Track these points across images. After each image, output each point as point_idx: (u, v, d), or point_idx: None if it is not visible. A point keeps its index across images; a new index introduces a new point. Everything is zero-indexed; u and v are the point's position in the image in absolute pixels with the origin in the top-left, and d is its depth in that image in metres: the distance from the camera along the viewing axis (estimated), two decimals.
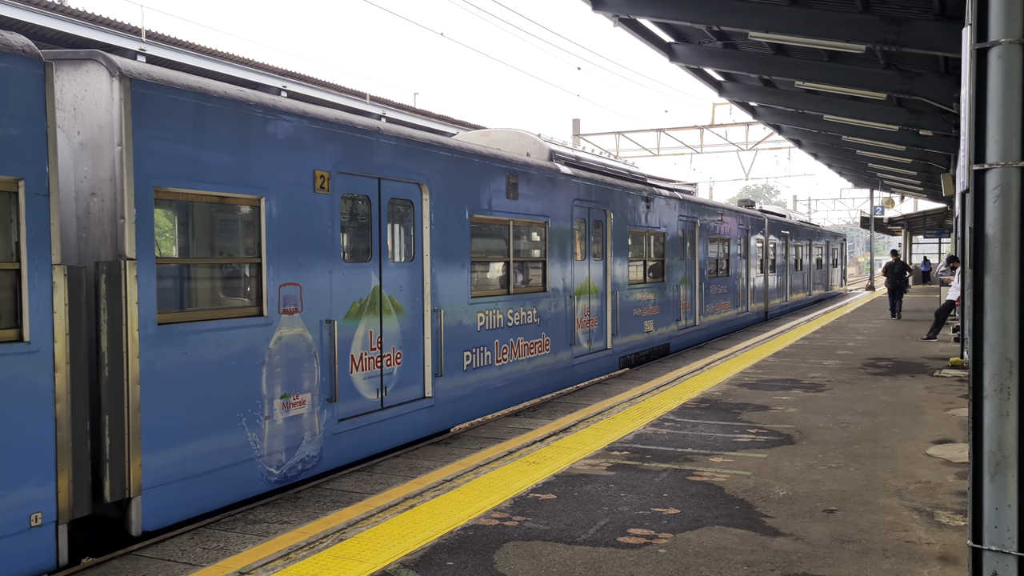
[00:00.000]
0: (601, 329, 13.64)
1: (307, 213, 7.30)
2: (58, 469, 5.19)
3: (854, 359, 13.51)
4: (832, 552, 4.84)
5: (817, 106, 17.90)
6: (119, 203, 5.72)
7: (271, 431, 6.90)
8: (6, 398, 4.93)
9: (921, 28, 11.07)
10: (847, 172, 37.36)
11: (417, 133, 9.15)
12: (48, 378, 5.16)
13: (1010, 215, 3.35)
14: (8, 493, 4.92)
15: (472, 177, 9.85)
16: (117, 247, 5.73)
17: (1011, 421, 3.39)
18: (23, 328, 5.03)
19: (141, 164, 5.81)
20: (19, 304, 5.03)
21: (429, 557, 4.82)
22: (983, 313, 3.42)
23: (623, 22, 13.29)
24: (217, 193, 6.46)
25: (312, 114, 7.48)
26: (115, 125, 5.71)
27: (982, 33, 3.39)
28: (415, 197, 8.90)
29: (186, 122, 6.20)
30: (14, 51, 4.99)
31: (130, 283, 5.73)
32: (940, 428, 8.17)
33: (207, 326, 6.35)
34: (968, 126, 3.53)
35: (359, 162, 7.96)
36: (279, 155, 7.01)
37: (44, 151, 5.13)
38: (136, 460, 5.77)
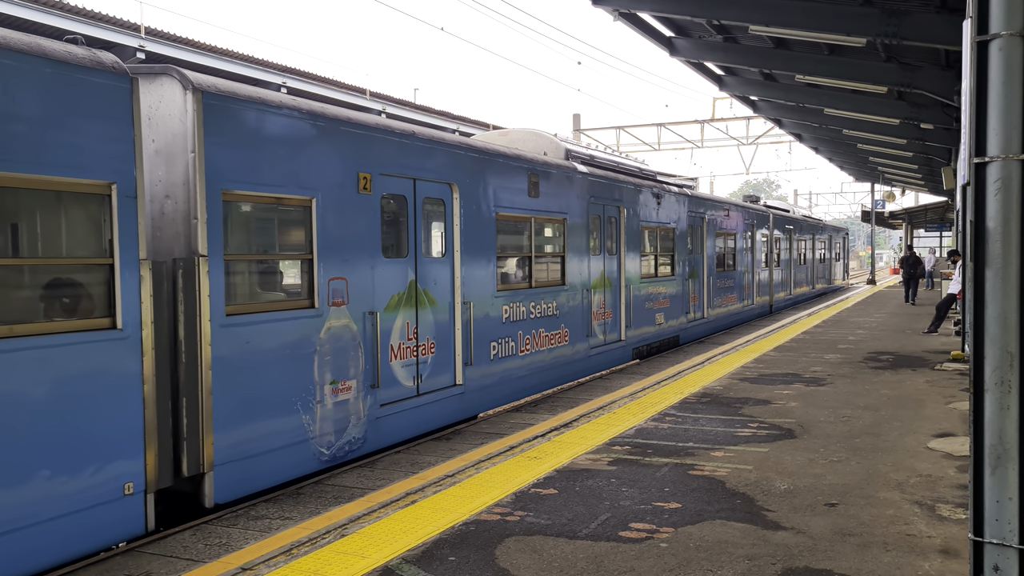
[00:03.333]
0: (615, 321, 14.12)
1: (352, 212, 7.85)
2: (146, 444, 5.81)
3: (855, 353, 13.50)
4: (833, 546, 4.85)
5: (818, 100, 17.87)
6: (192, 205, 6.27)
7: (322, 414, 7.44)
8: (104, 380, 5.50)
9: (922, 21, 11.05)
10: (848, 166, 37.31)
11: (447, 136, 9.78)
12: (137, 362, 5.72)
13: (1011, 208, 3.34)
14: (107, 465, 5.53)
15: (497, 176, 10.37)
16: (190, 245, 6.27)
17: (1012, 414, 3.39)
18: (116, 317, 5.60)
19: (211, 169, 6.36)
20: (112, 295, 5.59)
21: (431, 552, 4.83)
22: (984, 307, 3.42)
23: (623, 16, 13.27)
24: (275, 195, 7.02)
25: (356, 120, 8.01)
26: (188, 133, 6.24)
27: (983, 25, 3.38)
28: (446, 196, 9.43)
29: (248, 130, 6.74)
30: (105, 67, 5.53)
31: (203, 277, 6.28)
32: (941, 422, 8.18)
33: (266, 317, 6.91)
34: (969, 119, 3.52)
35: (397, 164, 8.50)
36: (327, 159, 7.54)
37: (132, 158, 5.66)
38: (208, 439, 6.32)
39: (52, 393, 5.19)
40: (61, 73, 5.24)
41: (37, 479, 5.10)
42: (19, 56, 5.01)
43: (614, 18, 13.19)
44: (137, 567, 5.50)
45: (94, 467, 5.46)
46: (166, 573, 5.33)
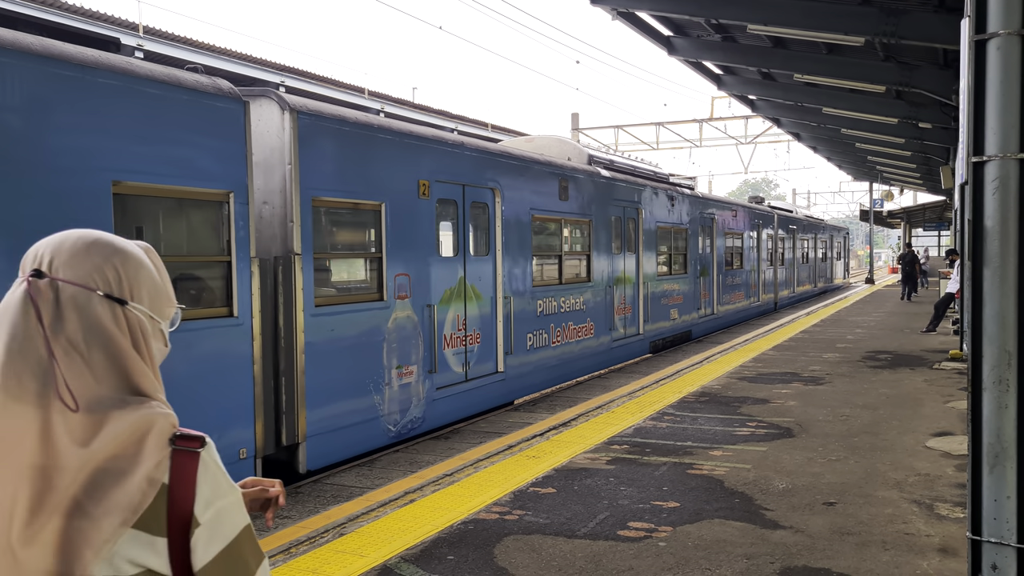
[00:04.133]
0: (634, 316, 15.04)
1: (413, 215, 8.77)
2: (255, 416, 6.70)
3: (854, 352, 13.52)
4: (832, 544, 4.85)
5: (816, 99, 17.87)
6: (288, 209, 7.15)
7: (390, 395, 8.36)
8: (223, 360, 6.39)
9: (920, 20, 11.05)
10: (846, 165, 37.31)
11: (491, 145, 10.90)
12: (249, 346, 6.61)
13: (1009, 207, 3.35)
14: (227, 432, 6.38)
15: (533, 182, 11.32)
16: (286, 244, 7.15)
17: (1010, 413, 3.39)
18: (232, 306, 6.48)
19: (304, 178, 7.24)
20: (229, 288, 6.47)
21: (430, 551, 4.83)
22: (982, 306, 3.42)
23: (621, 15, 13.26)
24: (352, 200, 7.99)
25: (417, 133, 9.01)
26: (285, 148, 7.13)
27: (981, 25, 3.38)
28: (490, 200, 10.34)
29: (332, 144, 7.64)
30: (224, 93, 6.44)
31: (298, 273, 7.17)
32: (939, 420, 8.18)
33: (346, 308, 7.83)
34: (967, 118, 3.53)
35: (449, 172, 9.43)
36: (394, 168, 8.47)
37: (245, 170, 6.56)
38: (302, 413, 7.23)
39: (189, 370, 6.05)
40: (192, 100, 6.18)
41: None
42: (163, 86, 5.97)
43: (612, 17, 13.18)
44: None
45: (218, 434, 6.18)
46: None
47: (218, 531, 1.23)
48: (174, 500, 1.19)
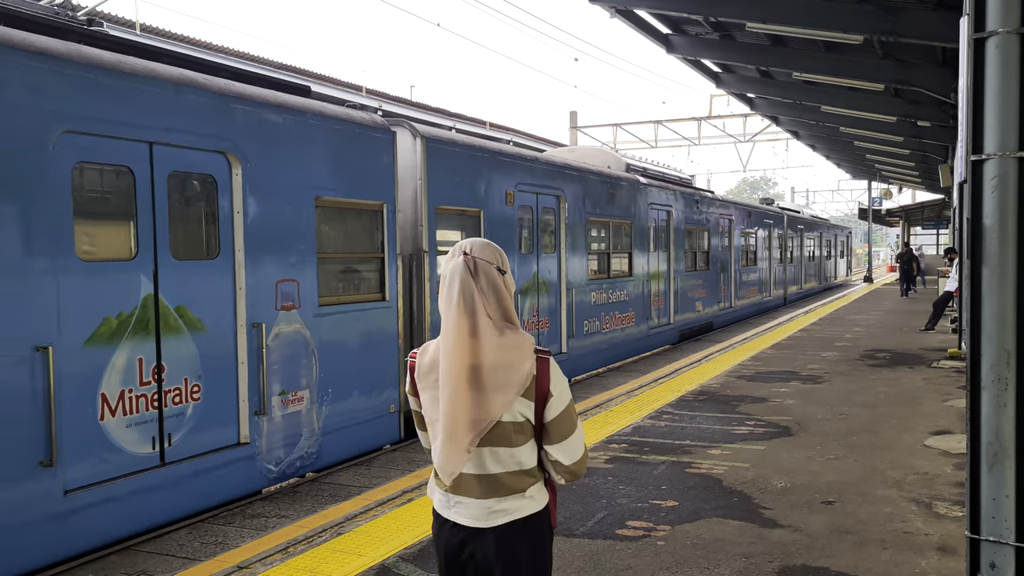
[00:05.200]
0: (666, 307, 16.74)
1: (502, 219, 10.48)
2: (399, 379, 8.41)
3: (852, 351, 13.52)
4: (830, 543, 4.85)
5: (815, 97, 17.85)
6: (419, 215, 8.91)
7: None
8: (380, 335, 8.22)
9: (918, 18, 11.03)
10: (845, 163, 37.30)
11: (556, 158, 12.78)
12: (395, 324, 8.42)
13: (1007, 206, 3.34)
14: (383, 392, 8.26)
15: (588, 189, 12.96)
16: (417, 244, 8.93)
17: (1008, 412, 3.38)
18: (385, 293, 8.32)
19: (430, 191, 8.98)
20: (383, 278, 8.31)
21: (428, 550, 4.82)
22: (981, 304, 3.42)
23: (620, 13, 13.24)
24: (461, 208, 9.68)
25: (506, 151, 10.91)
26: (417, 166, 8.88)
27: (980, 23, 3.37)
28: (555, 205, 11.97)
29: (448, 163, 9.37)
30: (379, 125, 8.26)
31: (425, 266, 8.95)
32: (938, 419, 8.18)
33: None
34: (965, 116, 3.51)
35: (527, 183, 11.13)
36: (490, 181, 10.18)
37: (393, 185, 8.32)
38: None
39: (358, 343, 7.93)
40: (360, 132, 7.93)
41: (354, 395, 7.89)
42: (343, 123, 7.73)
43: (611, 15, 13.16)
44: (132, 565, 5.49)
45: (377, 392, 8.24)
46: (162, 572, 5.31)
47: (561, 400, 2.38)
48: (539, 383, 2.35)
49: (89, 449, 5.44)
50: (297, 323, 7.15)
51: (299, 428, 7.19)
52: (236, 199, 6.55)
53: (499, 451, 2.34)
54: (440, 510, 2.45)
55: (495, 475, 2.34)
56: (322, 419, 7.47)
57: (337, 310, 7.61)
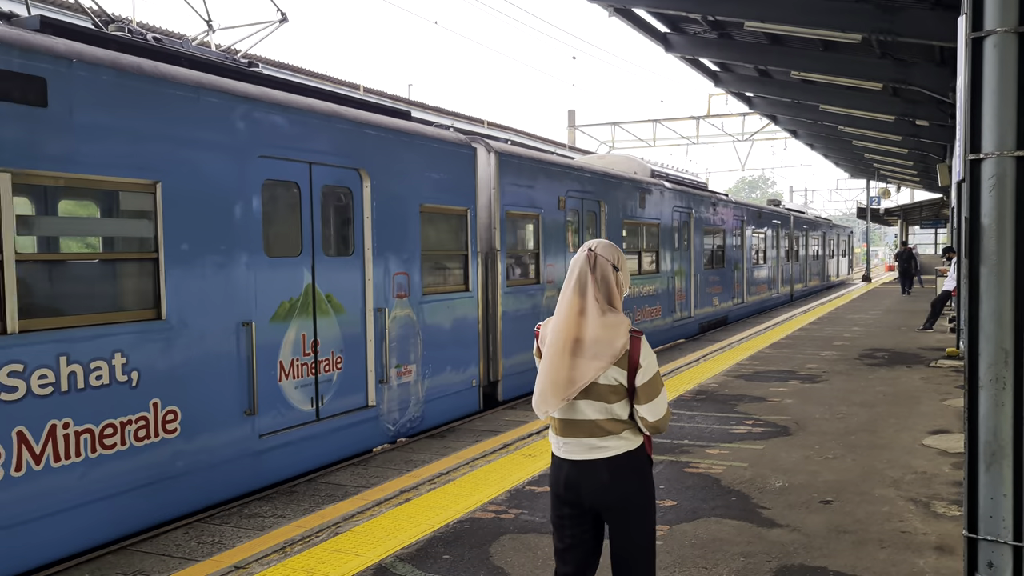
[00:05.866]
0: (687, 302, 18.23)
1: (555, 221, 12.03)
2: (479, 359, 10.18)
3: (851, 350, 13.52)
4: (828, 543, 4.84)
5: (813, 96, 17.86)
6: (492, 219, 10.45)
7: None
8: (464, 321, 9.78)
9: (916, 17, 11.03)
10: (843, 162, 37.33)
11: (597, 167, 14.30)
12: (476, 311, 10.05)
13: (1005, 205, 3.33)
14: (467, 369, 9.86)
15: (623, 194, 14.51)
16: (491, 244, 10.47)
17: (1006, 411, 3.38)
18: (468, 284, 9.92)
19: (502, 198, 10.56)
20: (467, 272, 9.90)
21: (425, 550, 4.81)
22: (979, 303, 3.41)
23: (618, 12, 13.24)
24: (523, 212, 11.18)
25: (559, 162, 12.69)
26: (491, 177, 10.40)
27: (977, 22, 3.36)
28: (597, 209, 13.54)
29: (514, 173, 10.89)
30: (463, 143, 9.86)
31: (498, 263, 10.56)
32: (936, 418, 8.18)
33: (519, 289, 11.12)
34: (963, 116, 3.51)
35: (575, 189, 12.67)
36: (546, 188, 11.73)
37: (474, 193, 9.92)
38: (499, 360, 10.58)
39: (451, 326, 9.54)
40: (450, 149, 9.52)
41: (440, 370, 9.30)
42: (438, 141, 9.33)
43: (609, 14, 13.16)
44: (129, 565, 5.48)
45: (464, 367, 9.81)
46: (158, 572, 5.31)
47: (648, 370, 2.92)
48: (631, 356, 2.89)
49: (273, 403, 6.97)
50: (408, 309, 8.75)
51: (409, 396, 8.78)
52: (366, 207, 8.10)
53: (596, 404, 2.94)
54: (555, 451, 3.11)
55: (594, 420, 2.96)
56: (424, 389, 9.04)
57: (435, 299, 9.24)
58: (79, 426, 5.38)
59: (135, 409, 5.76)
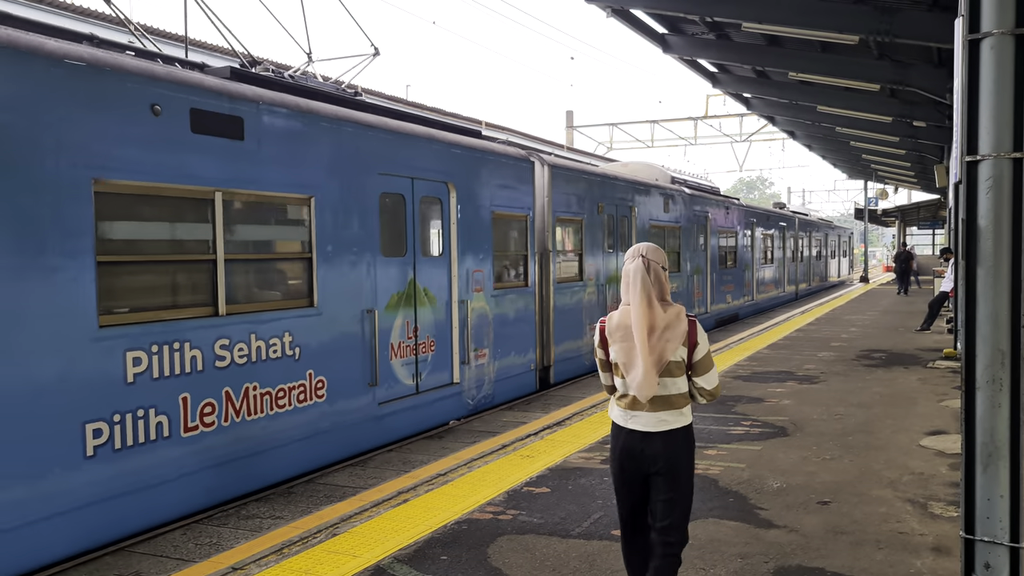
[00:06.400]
0: (705, 298, 19.44)
1: (594, 225, 13.37)
2: (536, 345, 11.56)
3: (848, 351, 13.53)
4: (826, 544, 4.85)
5: (811, 97, 17.87)
6: (545, 223, 11.77)
7: (587, 342, 13.02)
8: (523, 313, 11.21)
9: (914, 18, 11.05)
10: (841, 163, 37.36)
11: (630, 176, 15.61)
12: (534, 304, 11.47)
13: (1002, 207, 3.34)
14: (526, 354, 11.25)
15: (651, 200, 15.96)
16: (544, 245, 11.77)
17: (1003, 412, 3.39)
18: (527, 280, 11.36)
19: (553, 205, 11.93)
20: (526, 270, 11.33)
21: (423, 551, 4.82)
22: (976, 305, 3.42)
23: (616, 13, 13.24)
24: (570, 217, 12.52)
25: (598, 172, 14.19)
26: (544, 186, 11.75)
27: (974, 24, 3.37)
28: (629, 213, 14.90)
29: (563, 183, 12.25)
30: (524, 157, 11.31)
31: (550, 262, 11.81)
32: (933, 419, 8.19)
33: (567, 285, 12.48)
34: (960, 117, 3.52)
35: (610, 197, 14.12)
36: (587, 195, 13.11)
37: (532, 201, 11.38)
38: (551, 347, 11.95)
39: (515, 316, 10.97)
40: (515, 162, 11.04)
41: (506, 353, 10.72)
42: (506, 156, 10.79)
43: (607, 15, 13.16)
44: (127, 567, 5.47)
45: (524, 352, 11.24)
46: (156, 572, 5.30)
47: (703, 348, 3.56)
48: (690, 336, 3.53)
49: (387, 378, 8.42)
50: (483, 301, 10.20)
51: (483, 376, 10.23)
52: (452, 214, 9.55)
53: (666, 380, 3.54)
54: (620, 423, 3.65)
55: (666, 395, 3.55)
56: (495, 371, 10.49)
57: (502, 293, 10.66)
58: (263, 388, 6.86)
59: (297, 377, 7.22)
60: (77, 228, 5.41)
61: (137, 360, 5.83)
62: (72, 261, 5.37)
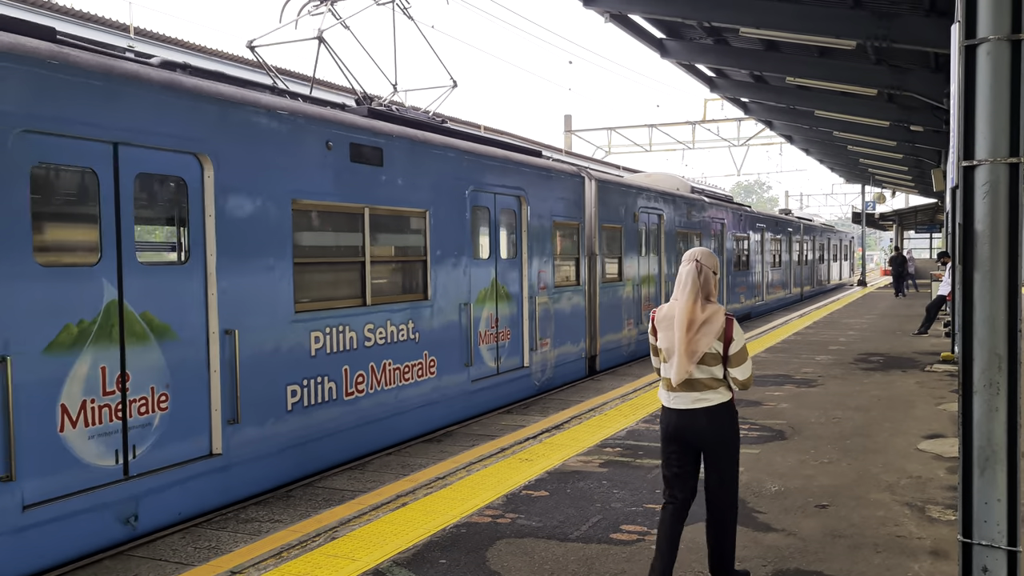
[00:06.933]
0: (721, 298, 20.18)
1: (632, 232, 15.30)
2: (586, 336, 13.32)
3: (846, 354, 13.55)
4: (824, 547, 4.86)
5: (808, 102, 17.92)
6: (592, 230, 13.61)
7: (627, 334, 15.16)
8: (576, 308, 12.88)
9: (911, 24, 11.09)
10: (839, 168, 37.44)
11: (659, 187, 17.52)
12: (584, 300, 13.21)
13: (999, 211, 3.35)
14: (578, 343, 12.97)
15: (676, 208, 17.96)
16: (591, 249, 13.56)
17: (1000, 416, 3.40)
18: (579, 280, 13.10)
19: (599, 214, 13.70)
20: (578, 271, 13.06)
21: (422, 555, 4.82)
22: (972, 309, 3.43)
23: (614, 18, 13.28)
24: (612, 225, 14.33)
25: (635, 184, 16.10)
26: (592, 199, 13.54)
27: (970, 30, 3.39)
28: (659, 221, 16.87)
29: (606, 195, 14.06)
30: (578, 174, 13.20)
31: (598, 264, 13.73)
32: (931, 423, 8.21)
33: (609, 284, 14.28)
34: (957, 123, 3.53)
35: (645, 206, 15.98)
36: (625, 206, 14.95)
37: (583, 209, 13.16)
38: (597, 339, 13.79)
39: (568, 311, 12.63)
40: (570, 178, 12.86)
41: (563, 343, 12.42)
42: (564, 173, 12.62)
43: (605, 19, 13.20)
44: (126, 570, 5.47)
45: (576, 342, 12.95)
46: None
47: (738, 343, 4.10)
48: (726, 332, 4.08)
49: (476, 360, 10.25)
50: (545, 297, 11.92)
51: (546, 361, 11.96)
52: (524, 223, 11.33)
53: (702, 367, 4.08)
54: (666, 403, 4.22)
55: (700, 379, 4.10)
56: (555, 357, 12.22)
57: (560, 290, 12.41)
58: (395, 364, 8.67)
59: (417, 356, 9.05)
60: (284, 238, 7.19)
61: (317, 339, 7.59)
62: (281, 262, 7.16)
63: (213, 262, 6.47)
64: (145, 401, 5.89)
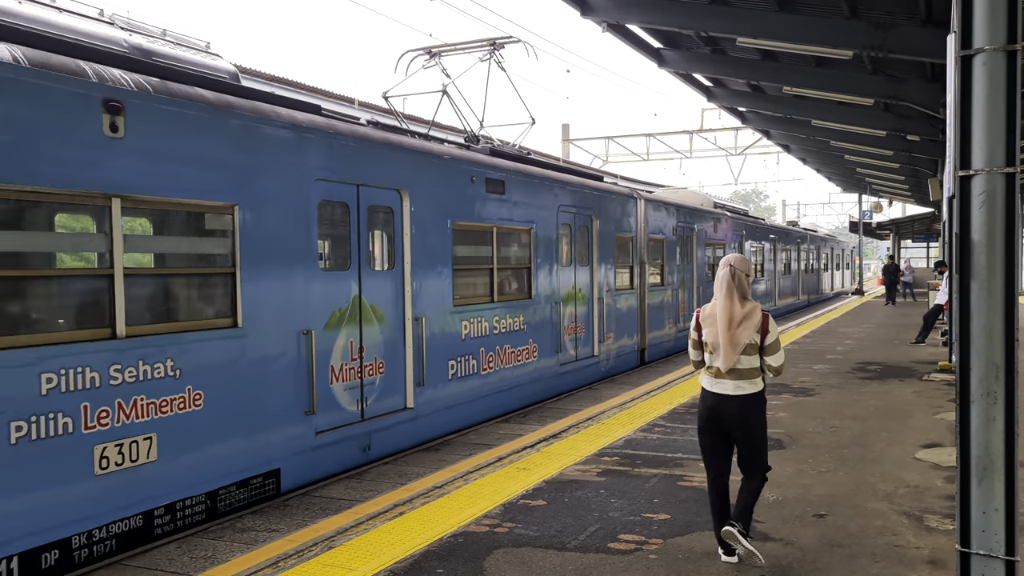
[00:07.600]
0: None
1: (670, 244, 17.31)
2: (638, 332, 15.89)
3: (843, 363, 13.55)
4: (821, 556, 4.85)
5: (805, 111, 17.99)
6: (642, 242, 15.84)
7: (677, 331, 17.88)
8: (631, 308, 15.46)
9: (907, 34, 11.14)
10: (836, 177, 37.54)
11: (692, 204, 20.02)
12: (636, 302, 15.73)
13: (995, 221, 3.37)
14: (632, 337, 15.53)
15: (704, 222, 20.06)
16: (640, 258, 15.77)
17: (997, 425, 3.40)
18: (633, 284, 15.61)
19: (647, 229, 15.95)
20: (632, 276, 15.59)
21: (419, 565, 4.80)
22: (969, 318, 3.44)
23: (612, 28, 13.33)
24: (656, 238, 16.57)
25: (674, 202, 18.07)
26: (642, 215, 15.78)
27: (966, 40, 3.41)
28: (691, 233, 18.95)
29: (653, 212, 16.34)
30: (631, 194, 15.72)
31: (644, 271, 15.93)
32: (928, 432, 8.20)
33: (655, 288, 16.55)
34: (953, 132, 3.55)
35: (682, 221, 18.20)
36: (666, 221, 17.07)
37: (636, 224, 15.61)
38: (647, 334, 16.17)
39: (624, 310, 15.00)
40: (625, 198, 15.17)
41: (621, 337, 14.86)
42: (619, 194, 14.94)
43: (603, 29, 13.25)
44: None
45: (631, 336, 15.38)
46: None
47: (773, 335, 4.73)
48: (763, 326, 4.71)
49: (563, 348, 12.65)
50: (610, 299, 14.20)
51: (610, 352, 14.31)
52: (594, 236, 13.65)
53: (743, 357, 4.66)
54: (707, 387, 4.83)
55: (741, 369, 4.67)
56: (616, 349, 14.53)
57: (620, 293, 14.72)
58: (512, 348, 11.14)
59: (525, 343, 11.46)
60: (447, 250, 9.65)
61: (465, 326, 10.08)
62: (446, 268, 9.62)
63: (408, 268, 8.95)
64: (372, 366, 8.36)
